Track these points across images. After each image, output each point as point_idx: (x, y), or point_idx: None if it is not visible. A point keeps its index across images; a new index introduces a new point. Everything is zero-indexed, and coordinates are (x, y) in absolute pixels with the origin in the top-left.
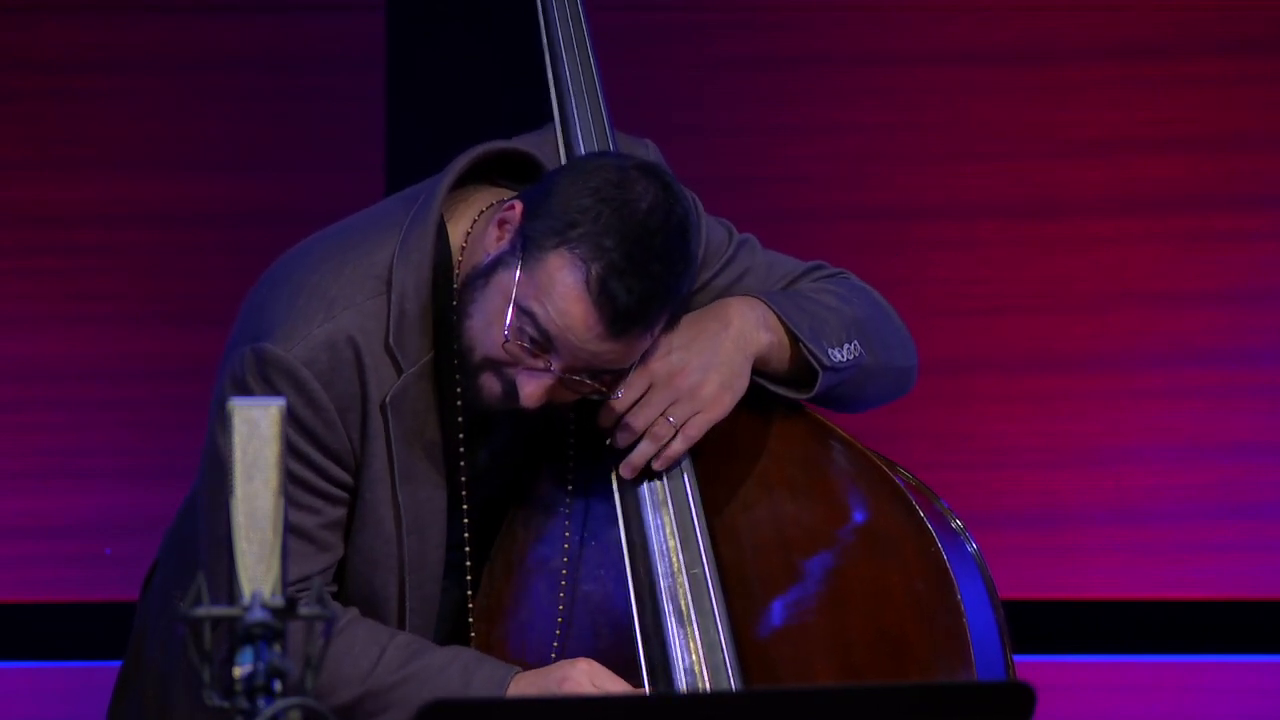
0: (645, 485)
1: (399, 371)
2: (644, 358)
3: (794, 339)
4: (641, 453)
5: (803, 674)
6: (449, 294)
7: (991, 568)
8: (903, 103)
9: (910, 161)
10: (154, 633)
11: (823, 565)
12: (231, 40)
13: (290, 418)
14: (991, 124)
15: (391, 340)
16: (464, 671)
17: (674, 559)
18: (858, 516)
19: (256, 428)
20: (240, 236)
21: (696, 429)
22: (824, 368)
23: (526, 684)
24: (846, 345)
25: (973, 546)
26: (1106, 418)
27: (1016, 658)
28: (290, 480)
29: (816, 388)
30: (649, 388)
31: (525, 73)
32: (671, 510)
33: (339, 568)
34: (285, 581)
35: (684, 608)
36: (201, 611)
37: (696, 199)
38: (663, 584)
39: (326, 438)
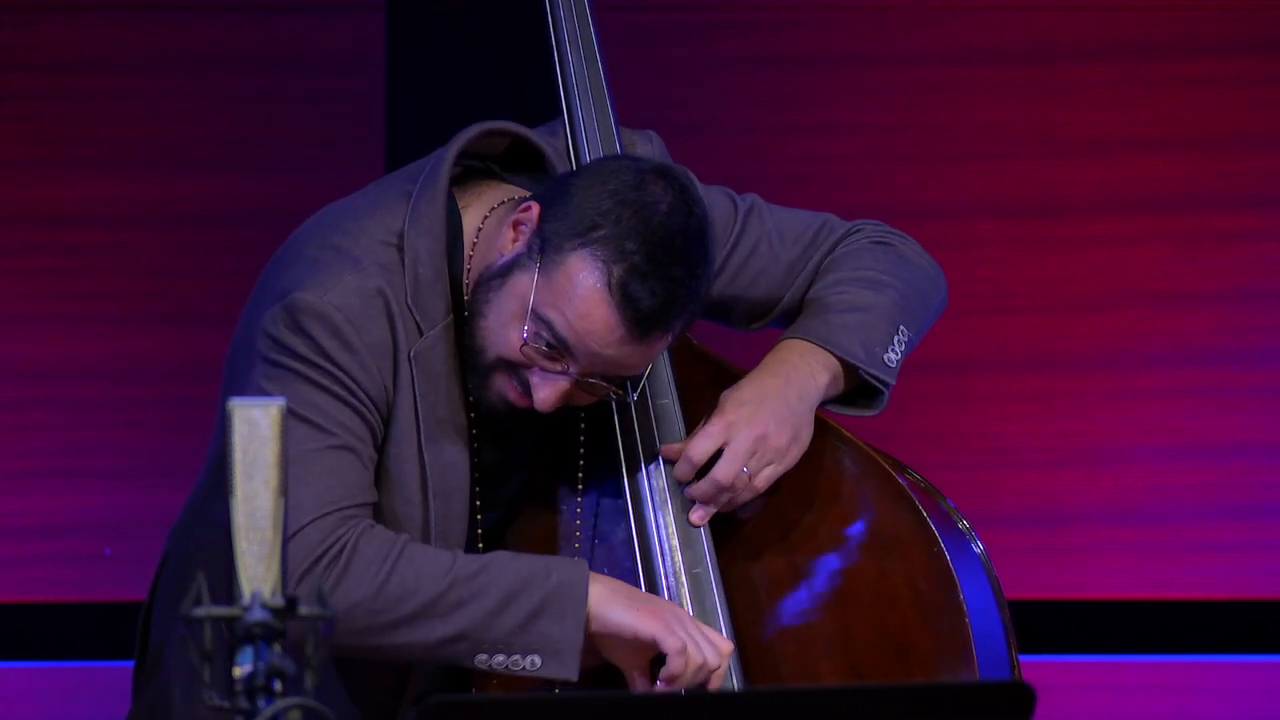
0: (649, 486)
1: (420, 331)
2: (719, 409)
3: (851, 367)
4: (720, 503)
5: (805, 674)
6: (461, 260)
7: None
8: (903, 103)
9: (910, 161)
10: (159, 624)
11: (826, 566)
12: (231, 40)
13: (328, 360)
14: (991, 124)
15: (410, 300)
16: (540, 557)
17: (677, 559)
18: (861, 517)
19: (256, 428)
20: (240, 236)
21: (765, 481)
22: (888, 385)
23: (609, 583)
24: (897, 337)
25: (979, 547)
26: (1106, 418)
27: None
28: (338, 403)
29: (883, 405)
30: (726, 441)
31: (525, 73)
32: (674, 511)
33: None
34: (339, 500)
35: (686, 608)
36: (201, 611)
37: (689, 173)
38: (665, 584)
39: (364, 380)
